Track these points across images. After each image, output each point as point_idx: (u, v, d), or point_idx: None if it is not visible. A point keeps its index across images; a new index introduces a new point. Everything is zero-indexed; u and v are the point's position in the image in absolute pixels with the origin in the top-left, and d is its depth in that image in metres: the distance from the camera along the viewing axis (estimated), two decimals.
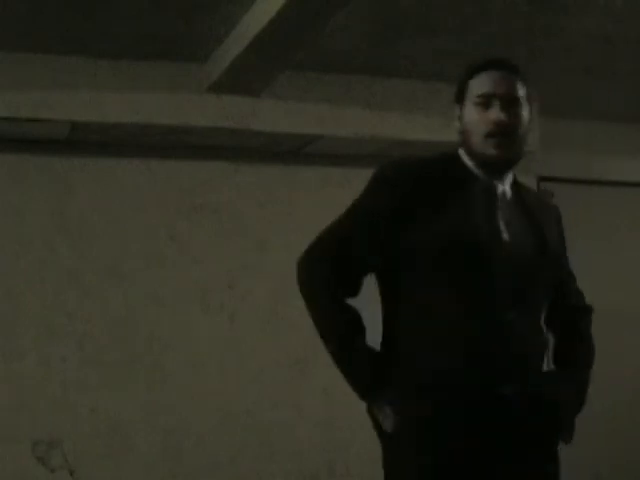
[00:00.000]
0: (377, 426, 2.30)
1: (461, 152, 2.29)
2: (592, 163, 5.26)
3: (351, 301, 2.31)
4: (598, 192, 5.32)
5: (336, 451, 4.56)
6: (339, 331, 2.27)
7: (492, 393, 2.13)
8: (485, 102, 2.19)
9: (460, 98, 2.26)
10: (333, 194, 4.69)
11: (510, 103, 2.19)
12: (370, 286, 2.38)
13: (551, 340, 2.44)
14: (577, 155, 5.21)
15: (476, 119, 2.20)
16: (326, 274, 2.26)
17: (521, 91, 2.21)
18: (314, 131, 4.31)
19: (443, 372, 2.15)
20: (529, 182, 4.85)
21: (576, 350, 2.41)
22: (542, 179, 5.13)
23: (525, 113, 2.23)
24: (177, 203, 4.45)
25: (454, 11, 3.56)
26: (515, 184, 2.33)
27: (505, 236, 2.20)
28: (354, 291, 2.30)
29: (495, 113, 2.17)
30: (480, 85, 2.20)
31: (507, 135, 2.18)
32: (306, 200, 4.65)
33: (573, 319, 2.45)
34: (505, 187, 2.27)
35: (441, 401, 2.14)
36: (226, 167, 4.53)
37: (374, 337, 2.34)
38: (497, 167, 2.24)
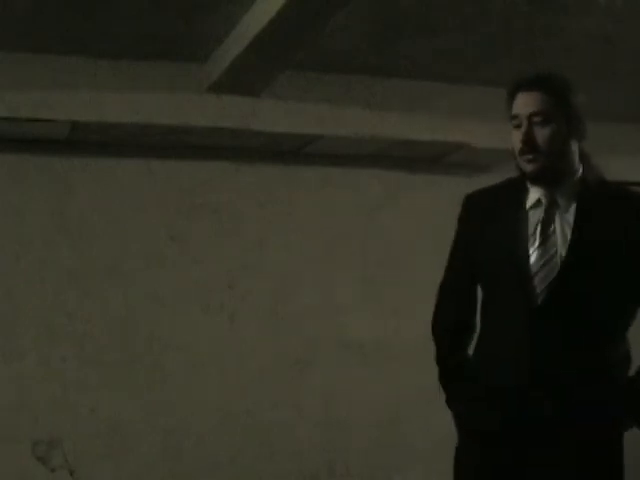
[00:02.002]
0: None
1: None
2: None
3: None
4: None
5: (336, 451, 4.56)
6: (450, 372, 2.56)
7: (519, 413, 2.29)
8: (517, 123, 2.35)
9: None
10: (333, 194, 4.70)
11: (537, 120, 2.33)
12: None
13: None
14: None
15: (514, 140, 2.38)
16: (444, 336, 2.57)
17: (546, 105, 2.33)
18: (314, 131, 4.31)
19: (478, 388, 2.41)
20: None
21: None
22: None
23: (552, 125, 2.33)
24: (177, 203, 4.44)
25: (454, 11, 3.56)
26: (585, 186, 2.37)
27: (539, 250, 2.32)
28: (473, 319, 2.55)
29: (522, 132, 2.33)
30: (512, 108, 2.38)
31: (534, 149, 2.32)
32: (306, 200, 4.65)
33: None
34: (558, 197, 2.35)
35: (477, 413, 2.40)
36: (226, 167, 4.53)
37: None
38: (539, 180, 2.36)
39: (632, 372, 2.38)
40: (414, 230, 4.73)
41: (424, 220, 4.71)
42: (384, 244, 4.74)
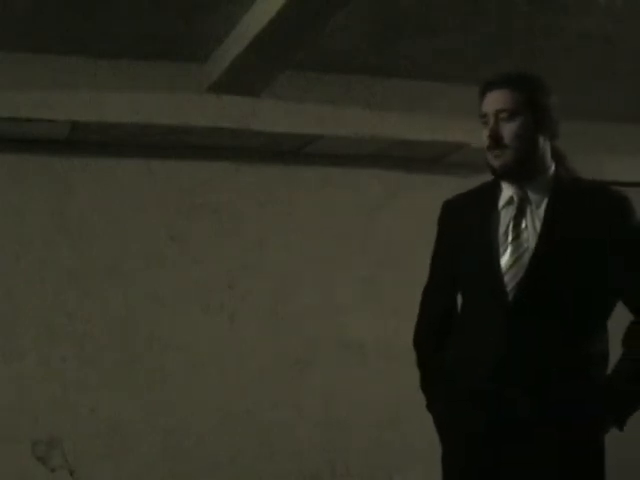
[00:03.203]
0: None
1: None
2: (592, 163, 5.24)
3: None
4: None
5: (336, 451, 4.56)
6: (431, 375, 2.62)
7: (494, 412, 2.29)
8: (486, 121, 2.38)
9: None
10: (333, 194, 4.70)
11: (503, 116, 2.34)
12: None
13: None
14: (577, 155, 5.19)
15: (483, 137, 2.39)
16: (423, 352, 2.66)
17: (513, 102, 2.33)
18: (314, 131, 4.31)
19: (451, 389, 2.43)
20: None
21: (622, 359, 2.35)
22: None
23: (519, 120, 2.33)
24: (177, 203, 4.44)
25: (454, 11, 3.56)
26: (557, 183, 2.38)
27: (511, 248, 2.31)
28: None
29: (488, 128, 2.36)
30: (481, 106, 2.40)
31: (500, 146, 2.34)
32: (306, 200, 4.65)
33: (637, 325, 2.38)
34: (530, 193, 2.35)
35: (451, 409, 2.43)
36: (226, 167, 4.53)
37: None
38: (506, 176, 2.37)
39: (610, 370, 2.36)
40: (414, 230, 4.72)
41: (424, 220, 4.65)
42: (384, 244, 4.74)
